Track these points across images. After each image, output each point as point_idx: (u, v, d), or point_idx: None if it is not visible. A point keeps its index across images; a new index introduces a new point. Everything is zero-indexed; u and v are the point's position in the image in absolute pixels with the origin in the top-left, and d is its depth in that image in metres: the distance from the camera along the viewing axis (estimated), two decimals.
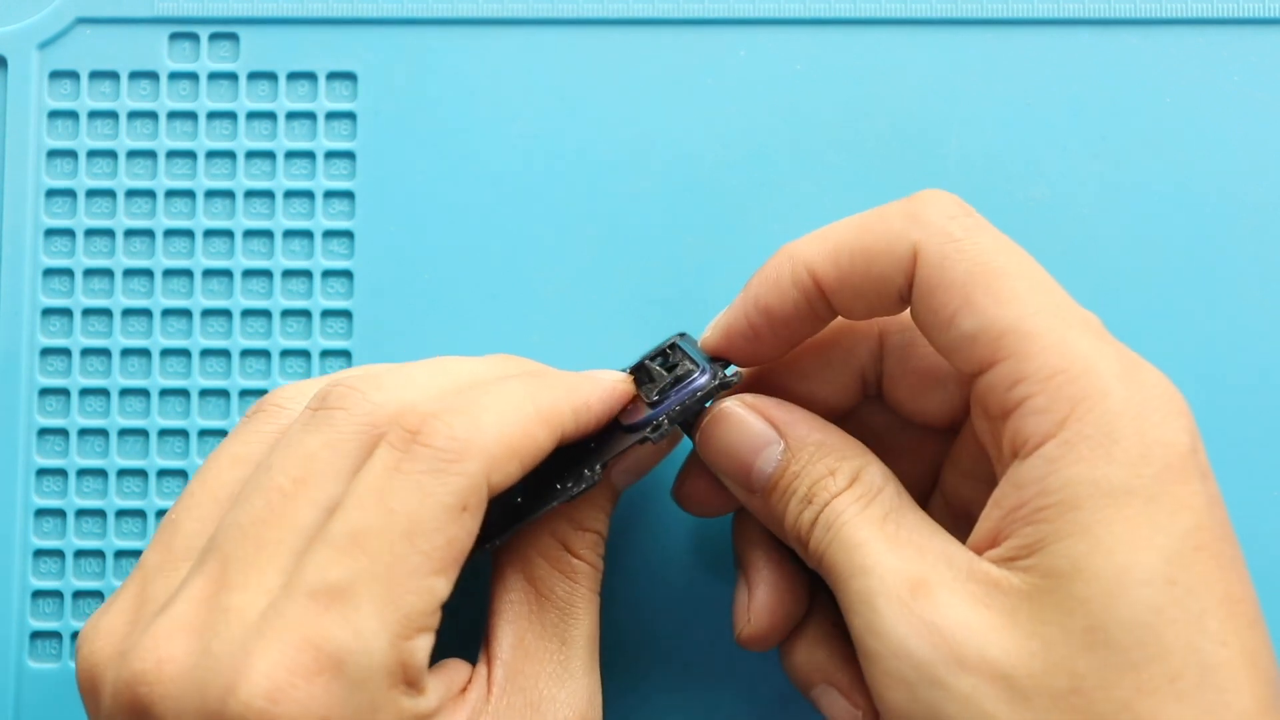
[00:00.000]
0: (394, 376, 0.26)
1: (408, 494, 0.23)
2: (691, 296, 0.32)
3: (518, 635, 0.27)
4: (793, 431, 0.27)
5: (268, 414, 0.27)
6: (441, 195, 0.33)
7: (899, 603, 0.24)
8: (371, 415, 0.25)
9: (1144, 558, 0.22)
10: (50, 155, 0.33)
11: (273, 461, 0.25)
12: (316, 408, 0.25)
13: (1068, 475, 0.23)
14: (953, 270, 0.24)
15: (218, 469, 0.26)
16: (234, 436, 0.27)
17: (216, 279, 0.33)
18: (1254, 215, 0.32)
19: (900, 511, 0.25)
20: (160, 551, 0.26)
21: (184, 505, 0.26)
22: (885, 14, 0.33)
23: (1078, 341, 0.23)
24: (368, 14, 0.33)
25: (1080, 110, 0.32)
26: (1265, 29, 0.32)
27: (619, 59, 0.33)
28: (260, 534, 0.24)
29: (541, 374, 0.27)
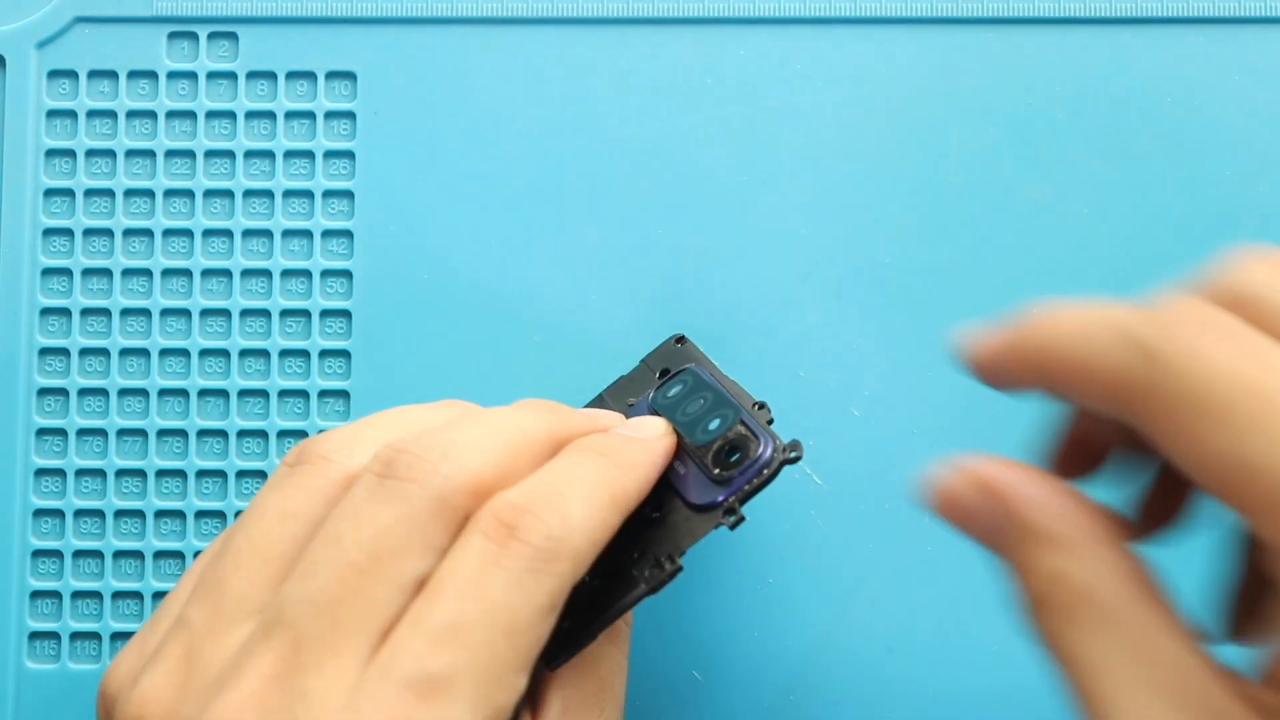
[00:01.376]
0: (457, 442, 0.25)
1: (509, 590, 0.23)
2: (691, 296, 0.32)
3: (565, 702, 0.27)
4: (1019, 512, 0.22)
5: (314, 467, 0.26)
6: (441, 195, 0.33)
7: None
8: (443, 489, 0.24)
9: None
10: (49, 154, 0.33)
11: (341, 531, 0.24)
12: (383, 474, 0.25)
13: None
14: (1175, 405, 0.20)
15: (264, 525, 0.25)
16: (277, 489, 0.26)
17: (215, 279, 0.33)
18: (1254, 215, 0.32)
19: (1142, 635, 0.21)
20: (208, 611, 0.25)
21: (231, 562, 0.25)
22: (885, 14, 0.33)
23: None
24: (367, 13, 0.33)
25: (1080, 110, 0.32)
26: (1265, 29, 0.32)
27: (619, 59, 0.33)
28: (336, 612, 0.23)
29: (604, 450, 0.26)
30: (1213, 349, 0.20)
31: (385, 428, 0.27)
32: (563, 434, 0.27)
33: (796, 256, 0.32)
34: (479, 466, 0.25)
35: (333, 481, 0.26)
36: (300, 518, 0.25)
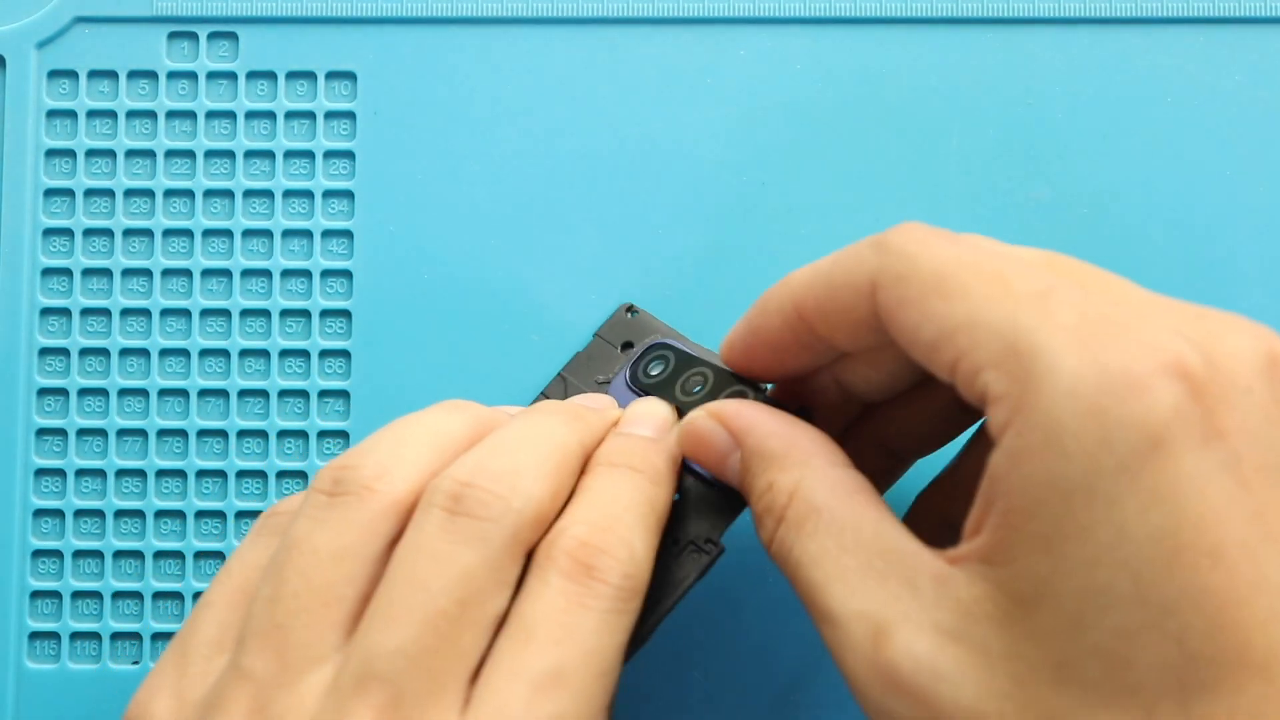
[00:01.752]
0: (519, 471, 0.25)
1: (600, 633, 0.24)
2: (691, 296, 0.32)
3: None
4: (746, 438, 0.26)
5: (359, 499, 0.25)
6: (441, 195, 0.33)
7: (866, 660, 0.22)
8: (518, 525, 0.24)
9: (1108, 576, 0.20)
10: (49, 154, 0.33)
11: (426, 577, 0.24)
12: (454, 511, 0.24)
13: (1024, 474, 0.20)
14: (907, 287, 0.23)
15: (318, 567, 0.25)
16: (323, 524, 0.25)
17: (215, 279, 0.33)
18: (1254, 215, 0.32)
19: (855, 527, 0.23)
20: (271, 660, 0.24)
21: (290, 610, 0.24)
22: (885, 14, 0.33)
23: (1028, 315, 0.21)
24: (367, 14, 0.33)
25: (1080, 110, 0.32)
26: (1265, 29, 0.32)
27: (619, 59, 0.33)
28: (431, 663, 0.23)
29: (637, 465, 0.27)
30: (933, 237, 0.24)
31: (417, 445, 0.26)
32: (590, 443, 0.27)
33: (796, 257, 0.32)
34: (541, 496, 0.25)
35: (380, 514, 0.25)
36: (356, 557, 0.25)
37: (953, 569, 0.22)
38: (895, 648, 0.22)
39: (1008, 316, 0.21)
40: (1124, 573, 0.20)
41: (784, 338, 0.26)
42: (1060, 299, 0.21)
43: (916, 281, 0.23)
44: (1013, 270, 0.22)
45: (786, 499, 0.25)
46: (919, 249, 0.23)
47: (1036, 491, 0.20)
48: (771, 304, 0.26)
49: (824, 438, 0.26)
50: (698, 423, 0.27)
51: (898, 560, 0.23)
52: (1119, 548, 0.20)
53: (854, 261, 0.24)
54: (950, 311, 0.22)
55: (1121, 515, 0.20)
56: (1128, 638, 0.20)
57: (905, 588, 0.22)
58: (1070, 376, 0.20)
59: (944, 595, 0.22)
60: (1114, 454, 0.20)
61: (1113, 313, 0.21)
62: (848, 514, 0.24)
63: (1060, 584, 0.20)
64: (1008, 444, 0.21)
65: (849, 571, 0.23)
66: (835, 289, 0.25)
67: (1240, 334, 0.21)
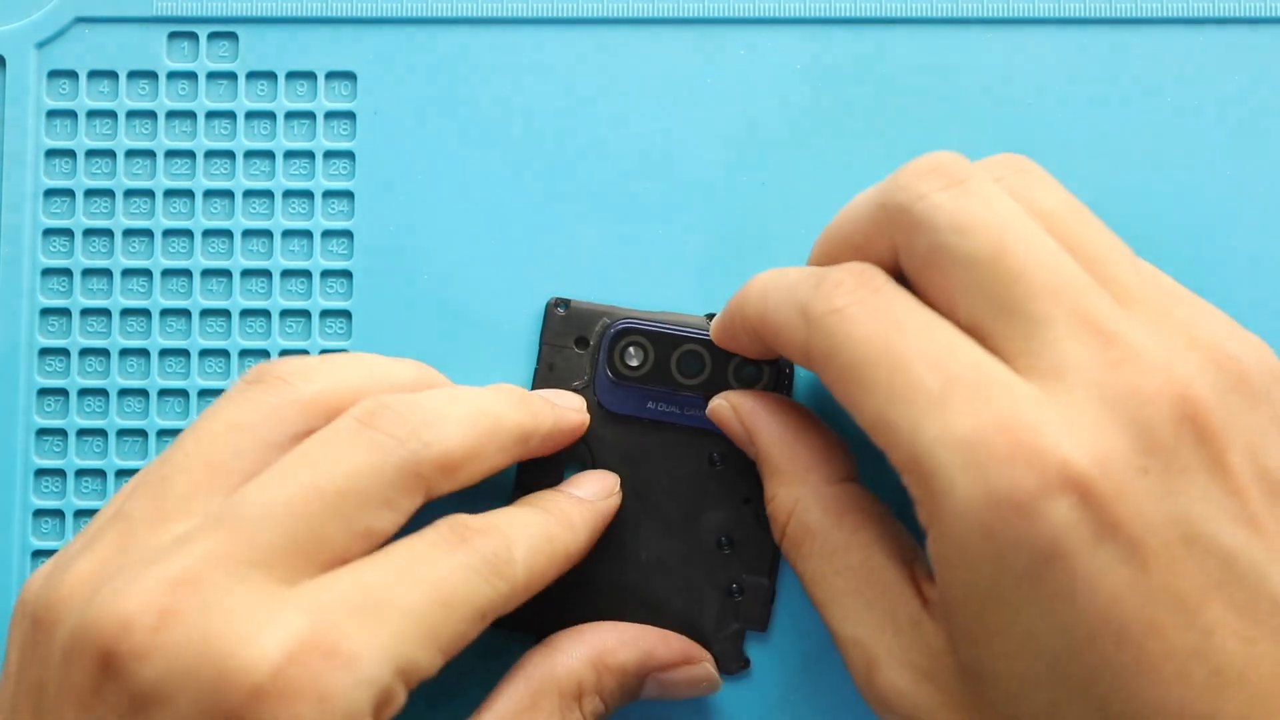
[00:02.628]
0: (440, 415, 0.27)
1: (454, 571, 0.25)
2: (691, 295, 0.32)
3: None
4: (755, 440, 0.28)
5: (271, 387, 0.27)
6: (441, 195, 0.33)
7: (863, 685, 0.25)
8: (419, 456, 0.26)
9: (1027, 666, 0.22)
10: (49, 155, 0.33)
11: (317, 456, 0.25)
12: (365, 422, 0.26)
13: (944, 577, 0.23)
14: (831, 368, 0.24)
15: (213, 433, 0.26)
16: (231, 401, 0.27)
17: (215, 279, 0.33)
18: (1254, 215, 0.32)
19: (845, 551, 0.26)
20: (148, 506, 0.25)
21: (176, 464, 0.26)
22: (885, 14, 0.33)
23: (927, 428, 0.22)
24: (367, 14, 0.33)
25: (1080, 110, 0.32)
26: (1265, 29, 0.32)
27: (619, 59, 0.33)
28: (294, 529, 0.24)
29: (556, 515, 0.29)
30: (856, 315, 0.24)
31: (349, 367, 0.28)
32: (531, 430, 0.29)
33: (796, 257, 0.32)
34: (454, 444, 0.26)
35: (287, 403, 0.27)
36: (250, 432, 0.26)
37: (925, 614, 0.24)
38: (883, 679, 0.25)
39: (910, 424, 0.22)
40: (1040, 662, 0.22)
41: (753, 343, 0.28)
42: (957, 402, 0.22)
43: (838, 366, 0.24)
44: (918, 360, 0.23)
45: (786, 517, 0.27)
46: (838, 326, 0.24)
47: (956, 593, 0.22)
48: (737, 318, 0.28)
49: (827, 445, 0.28)
50: (721, 411, 0.29)
51: (882, 592, 0.25)
52: (1031, 643, 0.22)
53: (789, 324, 0.25)
54: (867, 406, 0.23)
55: (1028, 618, 0.22)
56: (1056, 708, 0.22)
57: (888, 622, 0.25)
58: (963, 501, 0.22)
59: (918, 638, 0.24)
60: (1011, 570, 0.21)
61: (1008, 413, 0.22)
62: (839, 538, 0.26)
63: (990, 667, 0.23)
64: (930, 547, 0.23)
65: (842, 595, 0.26)
66: (779, 343, 0.26)
67: (1149, 399, 0.22)
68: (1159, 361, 0.22)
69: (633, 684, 0.29)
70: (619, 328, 0.31)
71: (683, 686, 0.29)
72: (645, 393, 0.31)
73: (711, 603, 0.31)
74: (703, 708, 0.31)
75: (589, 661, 0.28)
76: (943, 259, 0.24)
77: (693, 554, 0.31)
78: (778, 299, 0.26)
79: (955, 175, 0.25)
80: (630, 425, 0.31)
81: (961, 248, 0.24)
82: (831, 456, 0.27)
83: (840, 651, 0.26)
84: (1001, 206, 0.24)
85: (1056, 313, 0.23)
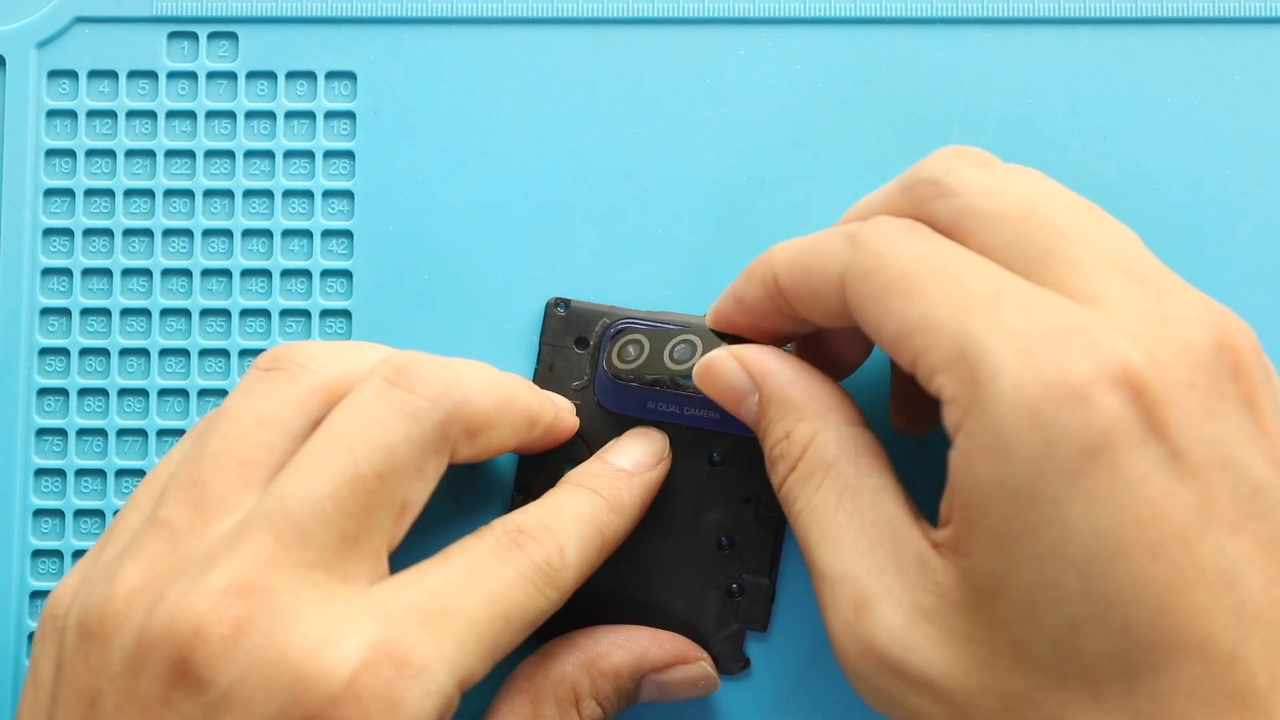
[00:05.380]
0: (465, 376, 0.27)
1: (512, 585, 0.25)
2: (691, 296, 0.32)
3: None
4: (765, 383, 0.27)
5: (290, 374, 0.27)
6: (441, 195, 0.33)
7: (845, 623, 0.24)
8: (450, 415, 0.26)
9: (1055, 572, 0.21)
10: (48, 154, 0.33)
11: (352, 439, 0.25)
12: (393, 382, 0.26)
13: (973, 475, 0.22)
14: (873, 282, 0.24)
15: (241, 429, 0.26)
16: (251, 393, 0.26)
17: (215, 279, 0.33)
18: (1255, 215, 0.32)
19: (855, 491, 0.25)
20: (188, 511, 0.25)
21: (207, 465, 0.25)
22: (885, 14, 0.33)
23: (977, 320, 0.22)
24: (367, 13, 0.33)
25: (1080, 110, 0.32)
26: (1265, 29, 0.32)
27: (619, 59, 0.33)
28: (344, 525, 0.24)
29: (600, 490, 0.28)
30: (904, 233, 0.24)
31: (365, 349, 0.28)
32: (537, 415, 0.29)
33: None
34: (480, 403, 0.26)
35: (308, 390, 0.26)
36: (276, 425, 0.26)
37: (933, 553, 0.23)
38: (873, 618, 0.23)
39: (958, 320, 0.22)
40: (1070, 570, 0.21)
41: (765, 307, 0.27)
42: (1010, 303, 0.22)
43: (880, 279, 0.24)
44: (969, 271, 0.23)
45: (800, 450, 0.26)
46: (885, 246, 0.24)
47: (986, 493, 0.22)
48: (755, 274, 0.27)
49: (842, 393, 0.27)
50: (719, 361, 0.28)
51: (890, 533, 0.24)
52: (1064, 547, 0.21)
53: (827, 252, 0.25)
54: (907, 311, 0.23)
55: (1064, 517, 0.21)
56: (1076, 628, 0.21)
57: (891, 562, 0.24)
58: (1012, 386, 0.21)
59: (925, 576, 0.23)
60: (1055, 461, 0.21)
61: (1061, 316, 0.22)
62: (853, 475, 0.25)
63: (1012, 579, 0.22)
64: (960, 444, 0.22)
65: (843, 532, 0.24)
66: (810, 275, 0.26)
67: (1191, 325, 0.22)
68: (1195, 301, 0.23)
69: (629, 686, 0.29)
70: (619, 327, 0.31)
71: (680, 687, 0.29)
72: (645, 393, 0.31)
73: (711, 603, 0.31)
74: (703, 708, 0.31)
75: (582, 666, 0.28)
76: (970, 220, 0.24)
77: (692, 554, 0.31)
78: (814, 239, 0.26)
79: (981, 159, 0.25)
80: (630, 425, 0.31)
81: (991, 208, 0.24)
82: (847, 401, 0.27)
83: (822, 593, 0.25)
84: (1030, 178, 0.25)
85: (1092, 256, 0.23)
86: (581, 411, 0.31)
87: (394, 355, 0.26)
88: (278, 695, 0.22)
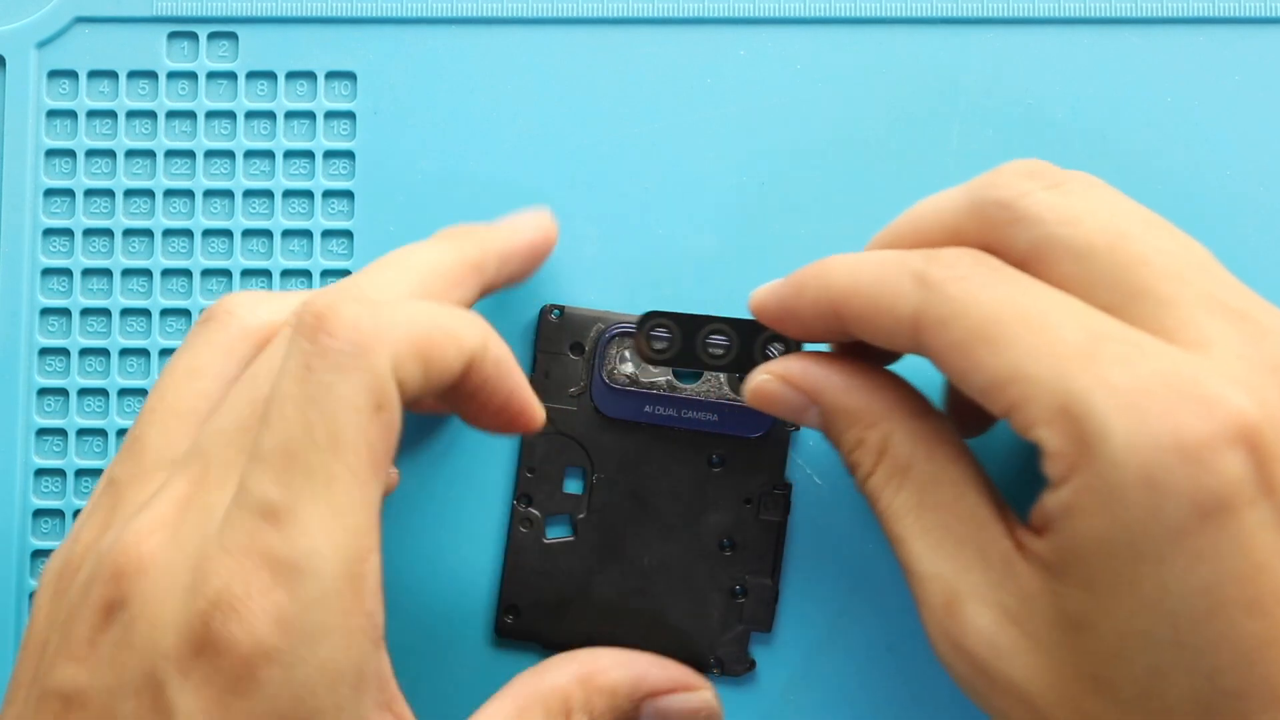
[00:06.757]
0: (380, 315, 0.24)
1: None
2: (691, 296, 0.32)
3: None
4: (821, 397, 0.27)
5: (219, 323, 0.27)
6: (440, 195, 0.33)
7: (937, 622, 0.24)
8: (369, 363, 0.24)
9: (1147, 624, 0.21)
10: (49, 154, 0.33)
11: (258, 372, 0.25)
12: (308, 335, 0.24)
13: (1076, 528, 0.22)
14: (952, 331, 0.23)
15: (174, 383, 0.27)
16: (185, 347, 0.27)
17: (215, 278, 0.33)
18: (1254, 215, 0.32)
19: (935, 486, 0.25)
20: (129, 467, 0.26)
21: (146, 421, 0.26)
22: (885, 14, 0.33)
23: (1078, 375, 0.21)
24: (367, 13, 0.33)
25: (1080, 110, 0.32)
26: (1265, 29, 0.32)
27: (619, 59, 0.33)
28: (242, 440, 0.24)
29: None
30: (977, 273, 0.23)
31: (296, 295, 0.28)
32: (477, 258, 0.28)
33: (797, 257, 0.32)
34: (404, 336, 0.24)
35: (237, 336, 0.27)
36: (207, 374, 0.27)
37: (1019, 556, 0.23)
38: (963, 617, 0.23)
39: (1057, 374, 0.22)
40: (1164, 622, 0.21)
41: (816, 326, 0.27)
42: (1110, 353, 0.22)
43: (960, 328, 0.23)
44: (1058, 316, 0.22)
45: (876, 455, 0.26)
46: (961, 290, 0.23)
47: (1087, 545, 0.21)
48: (807, 293, 0.26)
49: (901, 383, 0.27)
50: (766, 386, 0.27)
51: (975, 529, 0.24)
52: (1161, 601, 0.21)
53: (896, 290, 0.24)
54: (996, 362, 0.22)
55: (1167, 573, 0.21)
56: (1162, 674, 0.21)
57: (978, 559, 0.24)
58: (1124, 447, 0.21)
59: (1009, 577, 0.23)
60: (1164, 521, 0.21)
61: (1166, 365, 0.21)
62: (931, 470, 0.25)
63: (1102, 620, 0.22)
64: (1064, 496, 0.22)
65: (929, 530, 0.24)
66: (877, 311, 0.25)
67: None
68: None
69: (625, 706, 0.28)
70: (614, 333, 0.31)
71: (681, 716, 0.29)
72: (642, 397, 0.31)
73: (715, 605, 0.31)
74: None
75: (577, 679, 0.28)
76: (1051, 251, 0.23)
77: (695, 557, 0.31)
78: (877, 271, 0.25)
79: (1054, 178, 0.24)
80: (628, 430, 0.31)
81: (1073, 238, 0.23)
82: (907, 391, 0.26)
83: (914, 589, 0.25)
84: (1108, 200, 0.24)
85: (1186, 293, 0.22)
86: (578, 417, 0.31)
87: (315, 299, 0.24)
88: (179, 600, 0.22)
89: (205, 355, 0.27)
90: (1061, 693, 0.22)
